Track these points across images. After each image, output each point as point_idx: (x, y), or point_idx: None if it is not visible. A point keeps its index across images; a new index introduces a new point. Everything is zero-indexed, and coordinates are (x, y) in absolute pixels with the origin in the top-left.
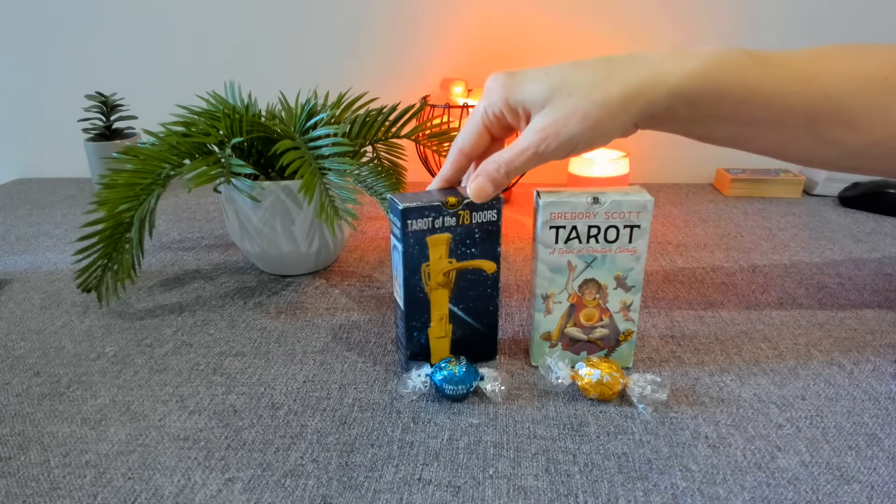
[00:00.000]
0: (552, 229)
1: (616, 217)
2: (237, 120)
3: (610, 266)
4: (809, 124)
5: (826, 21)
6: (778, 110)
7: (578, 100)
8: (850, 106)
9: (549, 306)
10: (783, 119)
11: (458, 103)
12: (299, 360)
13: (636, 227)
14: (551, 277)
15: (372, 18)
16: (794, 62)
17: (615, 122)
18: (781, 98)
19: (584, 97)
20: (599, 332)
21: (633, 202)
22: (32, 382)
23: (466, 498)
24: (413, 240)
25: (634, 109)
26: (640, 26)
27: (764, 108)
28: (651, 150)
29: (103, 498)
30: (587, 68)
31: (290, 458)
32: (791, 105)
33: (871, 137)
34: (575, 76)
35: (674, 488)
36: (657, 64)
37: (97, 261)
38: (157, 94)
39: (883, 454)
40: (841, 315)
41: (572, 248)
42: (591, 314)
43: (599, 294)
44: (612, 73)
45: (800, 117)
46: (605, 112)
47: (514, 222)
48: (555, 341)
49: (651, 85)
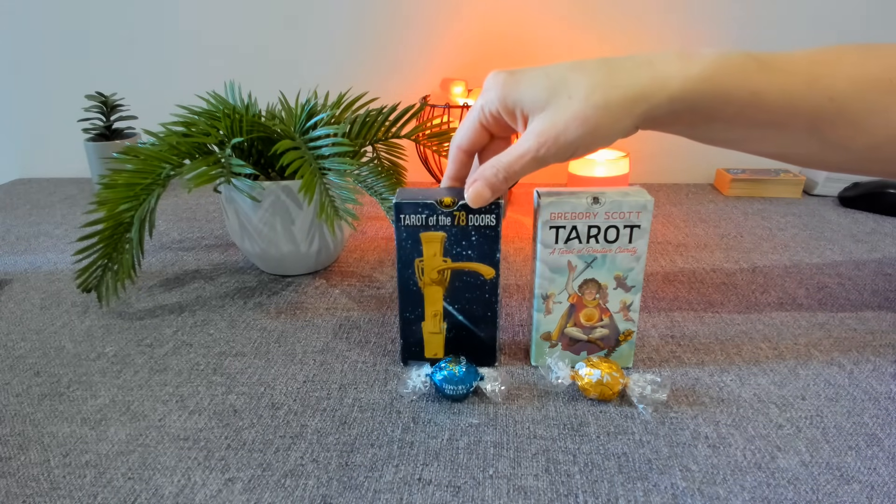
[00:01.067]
0: (552, 229)
1: (616, 217)
2: (237, 120)
3: (610, 266)
4: (813, 127)
5: (826, 20)
6: (782, 114)
7: (578, 103)
8: (854, 108)
9: (549, 306)
10: (787, 122)
11: (458, 103)
12: (299, 360)
13: (636, 227)
14: (551, 277)
15: (372, 18)
16: (798, 65)
17: (616, 126)
18: (785, 102)
19: (585, 100)
20: (599, 332)
21: (633, 202)
22: (32, 382)
23: (466, 498)
24: (406, 234)
25: (636, 113)
26: (640, 26)
27: (767, 112)
28: (651, 150)
29: (103, 498)
30: (587, 70)
31: (290, 458)
32: (795, 108)
33: (874, 140)
34: (575, 78)
35: (674, 488)
36: (659, 67)
37: (97, 261)
38: (157, 94)
39: (883, 454)
40: (841, 315)
41: (572, 248)
42: (591, 314)
43: (599, 294)
44: (613, 75)
45: (803, 120)
46: (606, 116)
47: (514, 222)
48: (555, 341)
49: (653, 89)
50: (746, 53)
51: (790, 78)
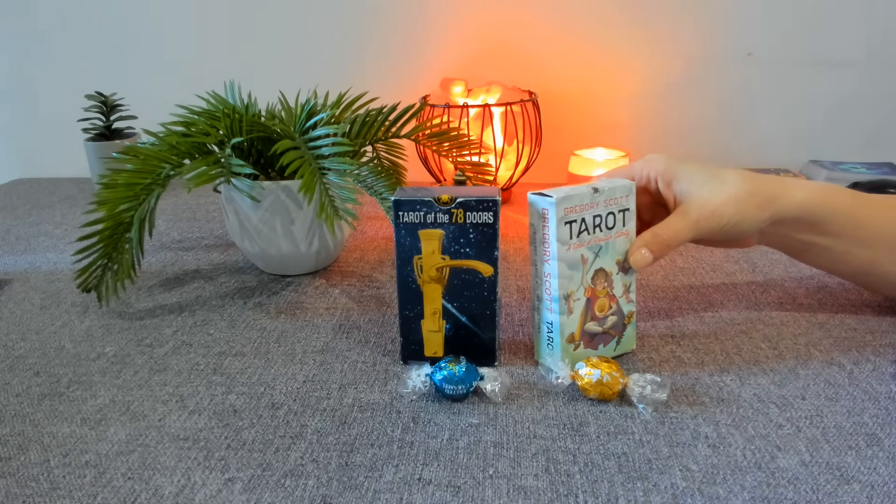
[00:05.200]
0: (567, 224)
1: (612, 204)
2: (237, 120)
3: (612, 252)
4: (893, 248)
5: (826, 21)
6: (870, 232)
7: (732, 188)
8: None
9: (571, 305)
10: (872, 240)
11: (458, 103)
12: (299, 360)
13: (626, 210)
14: (569, 275)
15: (372, 18)
16: (879, 197)
17: (758, 215)
18: (872, 223)
19: (738, 186)
20: (611, 320)
21: (621, 187)
22: (32, 382)
23: (466, 498)
24: (404, 231)
25: (772, 209)
26: (639, 27)
27: (860, 228)
28: (651, 150)
29: (103, 498)
30: (733, 170)
31: (290, 458)
32: (878, 228)
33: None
34: (728, 172)
35: (674, 488)
36: (788, 182)
37: (97, 261)
38: (157, 94)
39: (883, 454)
40: (841, 315)
41: (583, 240)
42: (603, 304)
43: (607, 282)
44: (757, 178)
45: (886, 240)
46: (753, 204)
47: (514, 222)
48: (578, 341)
49: (785, 194)
50: (842, 187)
51: (873, 203)
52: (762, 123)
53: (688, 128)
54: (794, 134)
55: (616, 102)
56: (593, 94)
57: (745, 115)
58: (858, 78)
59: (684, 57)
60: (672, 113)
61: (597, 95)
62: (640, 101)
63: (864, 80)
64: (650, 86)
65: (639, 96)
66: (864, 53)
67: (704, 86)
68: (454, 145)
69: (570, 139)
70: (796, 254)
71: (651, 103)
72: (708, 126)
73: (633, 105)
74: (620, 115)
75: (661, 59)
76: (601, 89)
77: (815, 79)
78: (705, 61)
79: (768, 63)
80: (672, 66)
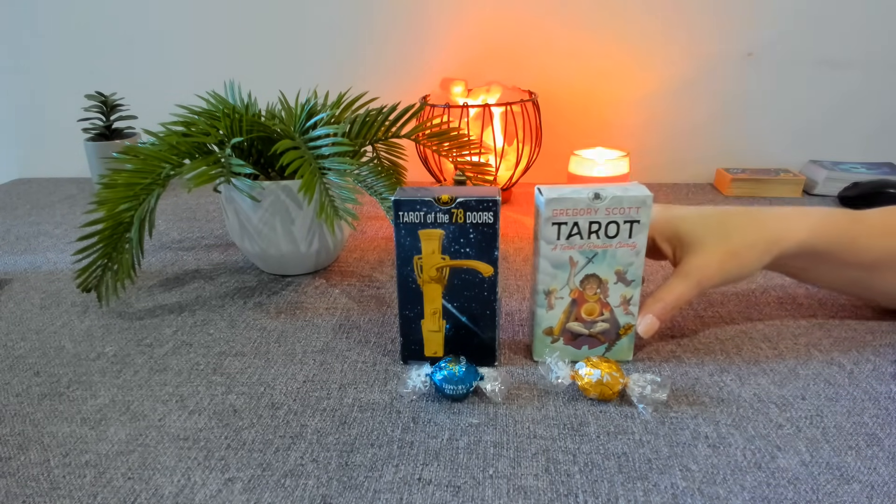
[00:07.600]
0: (554, 225)
1: (616, 213)
2: (237, 120)
3: (610, 261)
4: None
5: (826, 19)
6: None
7: (733, 243)
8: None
9: (552, 302)
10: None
11: (458, 103)
12: (299, 360)
13: (636, 223)
14: (553, 273)
15: (372, 18)
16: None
17: (759, 262)
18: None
19: (738, 241)
20: (600, 326)
21: (632, 198)
22: (32, 382)
23: (466, 498)
24: (404, 231)
25: (775, 253)
26: (639, 27)
27: (860, 255)
28: (651, 150)
29: (103, 498)
30: (736, 215)
31: (290, 458)
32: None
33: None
34: (727, 221)
35: (674, 488)
36: (786, 218)
37: (97, 261)
38: (157, 94)
39: (883, 454)
40: (841, 315)
41: (574, 243)
42: (592, 309)
43: (600, 289)
44: (754, 222)
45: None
46: (752, 254)
47: (514, 222)
48: (556, 336)
49: (785, 237)
50: (842, 210)
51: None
52: (762, 123)
53: (688, 127)
54: (794, 134)
55: (616, 102)
56: (593, 94)
57: (745, 115)
58: (858, 78)
59: (684, 57)
60: (672, 113)
61: (597, 95)
62: (640, 101)
63: (864, 80)
64: (650, 86)
65: (639, 96)
66: (864, 54)
67: (704, 86)
68: (454, 145)
69: (570, 139)
70: (793, 275)
71: (651, 103)
72: (708, 126)
73: (633, 105)
74: (620, 115)
75: (662, 60)
76: (601, 89)
77: (815, 79)
78: (705, 61)
79: (768, 63)
80: (672, 66)
